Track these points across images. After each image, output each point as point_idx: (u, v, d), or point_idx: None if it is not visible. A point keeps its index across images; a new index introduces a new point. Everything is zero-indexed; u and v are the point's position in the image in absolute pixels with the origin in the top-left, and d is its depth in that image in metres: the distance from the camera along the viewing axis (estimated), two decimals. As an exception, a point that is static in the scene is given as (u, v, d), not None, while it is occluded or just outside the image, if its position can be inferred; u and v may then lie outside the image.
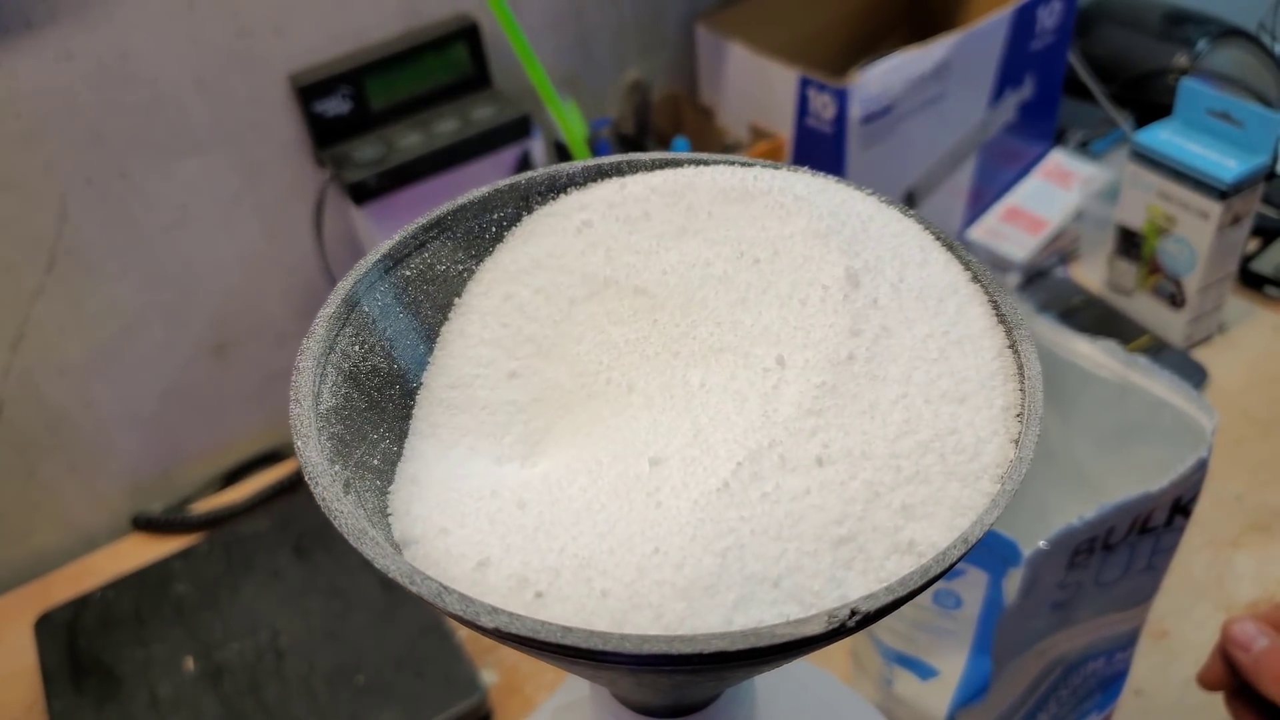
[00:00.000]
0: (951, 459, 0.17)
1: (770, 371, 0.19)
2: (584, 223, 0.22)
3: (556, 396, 0.21)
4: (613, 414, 0.20)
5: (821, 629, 0.14)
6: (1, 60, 0.56)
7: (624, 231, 0.22)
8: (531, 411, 0.21)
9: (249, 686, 0.56)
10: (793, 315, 0.20)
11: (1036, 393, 0.18)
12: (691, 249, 0.22)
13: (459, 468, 0.20)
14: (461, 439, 0.21)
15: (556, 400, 0.21)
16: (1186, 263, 0.68)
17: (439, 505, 0.18)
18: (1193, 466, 0.39)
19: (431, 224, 0.22)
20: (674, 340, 0.21)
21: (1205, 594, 0.58)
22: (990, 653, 0.41)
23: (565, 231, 0.22)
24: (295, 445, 0.17)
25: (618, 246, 0.22)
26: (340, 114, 0.65)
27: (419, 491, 0.19)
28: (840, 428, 0.17)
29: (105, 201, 0.62)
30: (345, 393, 0.19)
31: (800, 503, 0.16)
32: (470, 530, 0.18)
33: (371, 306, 0.21)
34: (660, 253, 0.22)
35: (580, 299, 0.22)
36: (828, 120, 0.67)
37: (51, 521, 0.69)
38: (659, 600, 0.15)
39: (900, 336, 0.19)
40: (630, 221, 0.22)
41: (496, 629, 0.14)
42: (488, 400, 0.21)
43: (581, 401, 0.21)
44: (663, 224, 0.22)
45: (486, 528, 0.18)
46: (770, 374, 0.19)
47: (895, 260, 0.20)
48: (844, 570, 0.16)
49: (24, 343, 0.63)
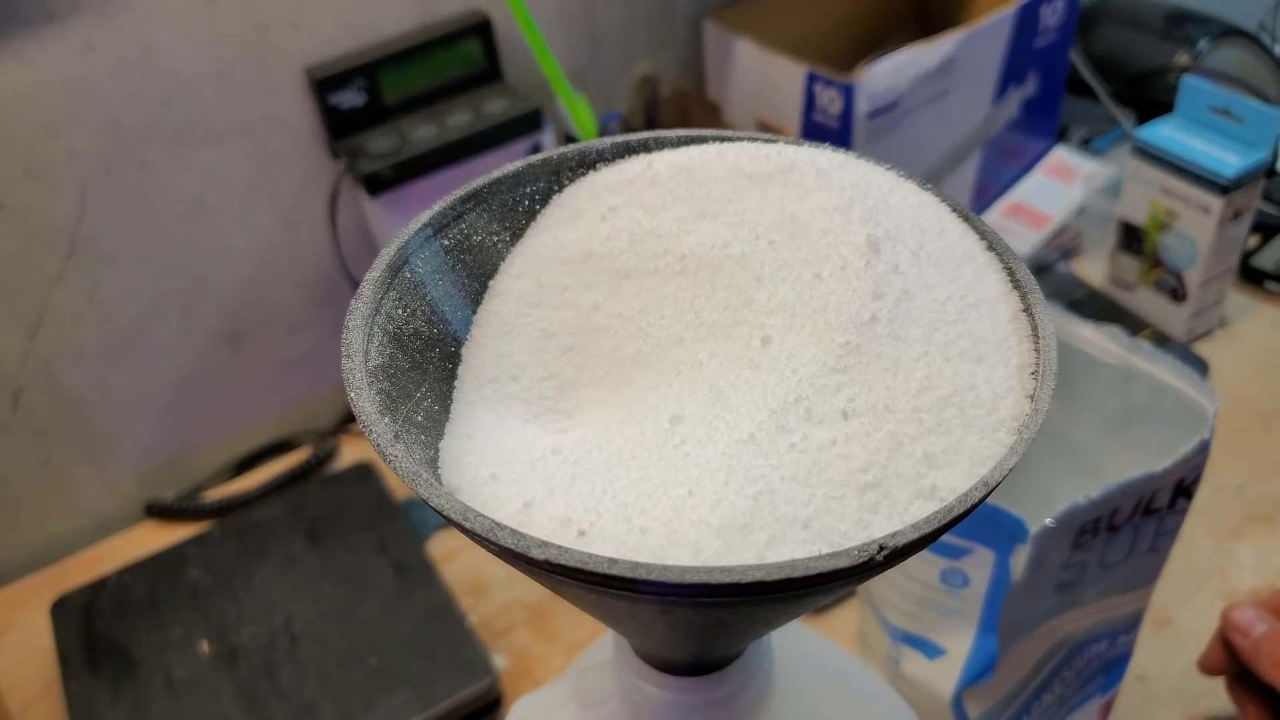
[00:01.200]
0: (970, 412, 0.18)
1: (771, 343, 0.20)
2: (610, 209, 0.23)
3: (584, 374, 0.22)
4: (639, 385, 0.21)
5: (851, 562, 0.15)
6: (24, 51, 0.57)
7: (646, 216, 0.23)
8: (562, 386, 0.22)
9: (263, 669, 0.57)
10: (806, 290, 0.21)
11: (1051, 351, 0.19)
12: (711, 231, 0.23)
13: (501, 429, 0.21)
14: (503, 410, 0.22)
15: (584, 377, 0.22)
16: (1188, 257, 0.69)
17: (486, 456, 0.20)
18: (1195, 448, 0.40)
19: (469, 196, 0.23)
20: (695, 319, 0.22)
21: (1207, 583, 0.59)
22: (997, 632, 0.42)
23: (592, 217, 0.23)
24: (349, 397, 0.18)
25: (640, 231, 0.23)
26: (355, 106, 0.66)
27: (469, 445, 0.20)
28: (864, 384, 0.18)
29: (124, 191, 0.63)
30: (390, 353, 0.20)
31: (827, 452, 0.17)
32: (516, 476, 0.19)
33: (414, 272, 0.22)
34: (681, 235, 0.23)
35: (605, 283, 0.23)
36: (834, 115, 0.68)
37: (67, 508, 0.70)
38: (696, 538, 0.16)
39: (920, 300, 0.20)
40: (652, 209, 0.23)
41: (546, 560, 0.15)
42: (522, 377, 0.22)
43: (608, 377, 0.22)
44: (684, 207, 0.23)
45: (530, 474, 0.19)
46: (771, 345, 0.20)
47: (915, 230, 0.21)
48: (870, 514, 0.17)
49: (42, 330, 0.64)
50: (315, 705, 0.55)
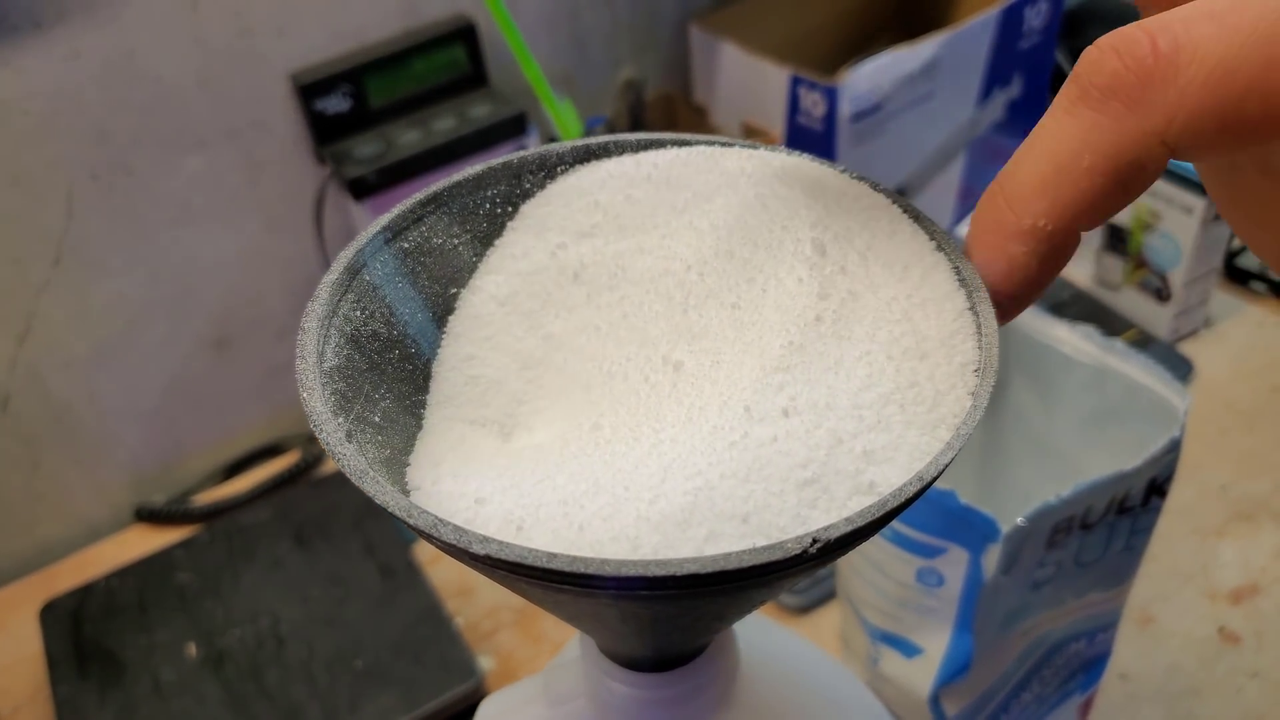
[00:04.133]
0: (911, 409, 0.18)
1: (712, 345, 0.21)
2: (576, 232, 0.24)
3: (546, 387, 0.22)
4: (587, 392, 0.22)
5: (785, 555, 0.15)
6: (11, 59, 0.57)
7: (610, 240, 0.23)
8: (524, 398, 0.23)
9: (250, 672, 0.57)
10: (753, 291, 0.21)
11: (993, 349, 0.19)
12: (669, 247, 0.23)
13: (467, 439, 0.22)
14: (468, 418, 0.22)
15: (546, 390, 0.22)
16: (1171, 257, 0.70)
17: (443, 460, 0.20)
18: (1165, 446, 0.41)
19: (428, 199, 0.23)
20: (641, 327, 0.22)
21: (1190, 581, 0.60)
22: (972, 631, 0.43)
23: (552, 236, 0.24)
24: (301, 397, 0.18)
25: (598, 258, 0.23)
26: (340, 112, 0.66)
27: (423, 448, 0.21)
28: (806, 382, 0.19)
29: (110, 197, 0.63)
30: (347, 354, 0.21)
31: (767, 449, 0.18)
32: (468, 475, 0.19)
33: (372, 275, 0.22)
34: (640, 254, 0.23)
35: (565, 301, 0.23)
36: (818, 118, 0.69)
37: (56, 513, 0.70)
38: (635, 533, 0.17)
39: (866, 300, 0.20)
40: (609, 233, 0.23)
41: (487, 555, 0.16)
42: (489, 389, 0.22)
43: (567, 388, 0.22)
44: (643, 228, 0.23)
45: (483, 474, 0.19)
46: (712, 347, 0.21)
47: (865, 231, 0.22)
48: (809, 509, 0.17)
49: (30, 336, 0.64)
50: (302, 707, 0.55)
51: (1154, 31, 0.16)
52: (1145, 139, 0.16)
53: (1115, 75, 0.16)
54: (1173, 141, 0.16)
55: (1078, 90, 0.17)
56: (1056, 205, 0.17)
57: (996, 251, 0.18)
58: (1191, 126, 0.15)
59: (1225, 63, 0.15)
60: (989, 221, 0.17)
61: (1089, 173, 0.16)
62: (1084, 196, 0.16)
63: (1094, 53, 0.16)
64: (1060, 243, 0.17)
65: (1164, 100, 0.16)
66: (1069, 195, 0.17)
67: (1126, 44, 0.16)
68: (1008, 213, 0.17)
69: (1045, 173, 0.17)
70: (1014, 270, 0.18)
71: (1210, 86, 0.15)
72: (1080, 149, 0.16)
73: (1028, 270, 0.17)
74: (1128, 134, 0.16)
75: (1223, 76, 0.15)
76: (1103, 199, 0.16)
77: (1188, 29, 0.16)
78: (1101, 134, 0.16)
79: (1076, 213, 0.17)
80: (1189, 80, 0.15)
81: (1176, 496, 0.44)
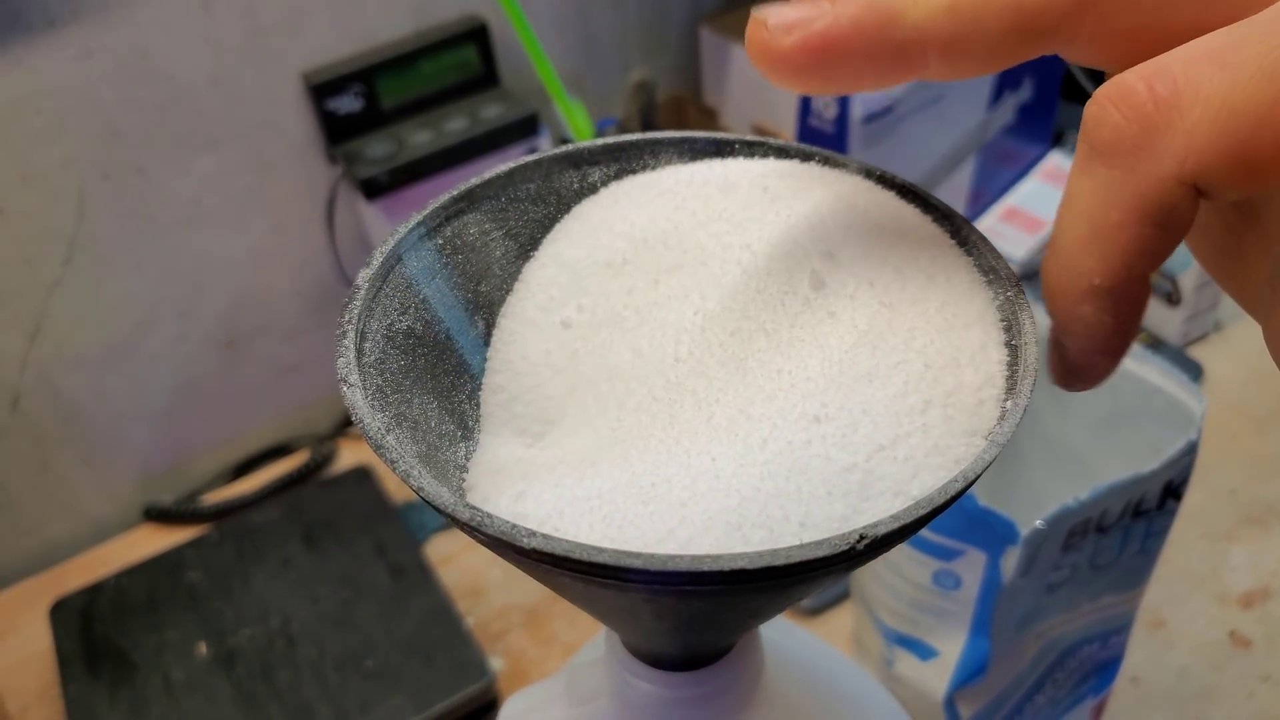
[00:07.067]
0: (951, 414, 0.19)
1: (754, 357, 0.21)
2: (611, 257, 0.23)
3: (586, 389, 0.22)
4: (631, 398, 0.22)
5: (832, 551, 0.15)
6: (24, 58, 0.57)
7: (646, 279, 0.23)
8: (564, 400, 0.23)
9: (261, 671, 0.57)
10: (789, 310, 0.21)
11: (1030, 350, 0.19)
12: (699, 276, 0.23)
13: (505, 436, 0.22)
14: (507, 416, 0.22)
15: (586, 392, 0.22)
16: (1181, 261, 0.70)
17: (481, 456, 0.20)
18: (1182, 449, 0.41)
19: (461, 195, 0.23)
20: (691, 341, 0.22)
21: (1201, 585, 0.60)
22: (988, 633, 0.43)
23: (605, 240, 0.24)
24: (341, 391, 0.18)
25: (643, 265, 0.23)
26: (352, 112, 0.66)
27: (464, 447, 0.21)
28: (840, 389, 0.19)
29: (122, 197, 0.63)
30: (384, 349, 0.21)
31: (805, 452, 0.18)
32: (507, 472, 0.19)
33: (408, 270, 0.22)
34: (677, 299, 0.23)
35: (599, 322, 0.23)
36: (830, 120, 0.69)
37: (65, 512, 0.70)
38: (675, 532, 0.17)
39: (901, 310, 0.20)
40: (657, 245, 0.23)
41: (534, 549, 0.16)
42: (530, 390, 0.23)
43: (607, 391, 0.22)
44: (677, 258, 0.23)
45: (521, 471, 0.19)
46: (755, 359, 0.21)
47: (896, 245, 0.22)
48: (852, 512, 0.17)
49: (40, 335, 0.64)
50: (312, 707, 0.55)
51: (1150, 77, 0.16)
52: (1162, 184, 0.16)
53: (1117, 129, 0.16)
54: (1189, 182, 0.16)
55: (1087, 148, 0.17)
56: (1104, 262, 0.17)
57: (1068, 316, 0.18)
58: (1205, 166, 0.15)
59: (1230, 103, 0.15)
60: (1053, 289, 0.18)
61: (1121, 226, 0.16)
62: (1127, 248, 0.16)
63: (1094, 108, 0.16)
64: (1125, 294, 0.17)
65: (1172, 145, 0.15)
66: (1111, 250, 0.17)
67: (1123, 94, 0.16)
68: (1063, 278, 0.17)
69: (1083, 234, 0.17)
70: (1091, 330, 0.17)
71: (1219, 126, 0.15)
72: (1105, 206, 0.16)
73: (1104, 326, 0.17)
74: (1144, 183, 0.16)
75: (1230, 116, 0.15)
76: (1147, 244, 0.16)
77: (1186, 71, 0.15)
78: (1120, 188, 0.16)
79: (1127, 264, 0.17)
80: (1195, 122, 0.15)
81: (1187, 500, 0.44)
